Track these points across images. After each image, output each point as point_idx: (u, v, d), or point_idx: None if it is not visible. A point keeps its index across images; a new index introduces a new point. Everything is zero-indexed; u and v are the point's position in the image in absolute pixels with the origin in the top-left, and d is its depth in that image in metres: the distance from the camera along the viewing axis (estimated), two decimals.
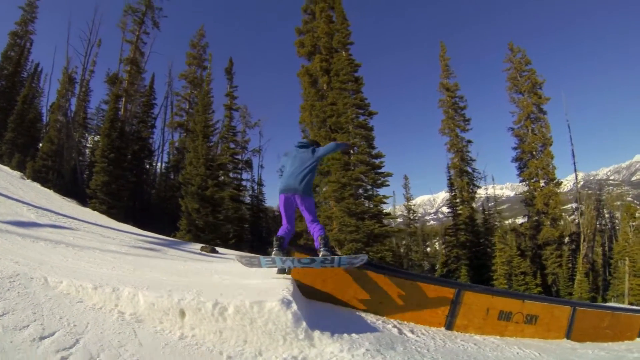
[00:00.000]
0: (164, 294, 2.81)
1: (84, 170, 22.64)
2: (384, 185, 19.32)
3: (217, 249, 10.69)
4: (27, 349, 2.17)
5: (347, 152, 18.81)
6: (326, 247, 3.53)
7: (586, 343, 5.14)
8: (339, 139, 18.05)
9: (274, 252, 3.54)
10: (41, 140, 22.66)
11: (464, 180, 26.66)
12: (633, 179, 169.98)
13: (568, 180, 37.83)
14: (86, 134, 26.48)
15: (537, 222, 24.96)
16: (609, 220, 37.67)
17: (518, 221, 30.55)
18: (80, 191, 19.17)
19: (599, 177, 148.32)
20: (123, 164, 20.40)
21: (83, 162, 23.60)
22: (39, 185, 17.02)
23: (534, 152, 25.59)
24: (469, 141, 27.58)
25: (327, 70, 23.04)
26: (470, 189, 26.89)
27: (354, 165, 19.13)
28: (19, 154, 20.10)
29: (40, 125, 25.08)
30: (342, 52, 22.06)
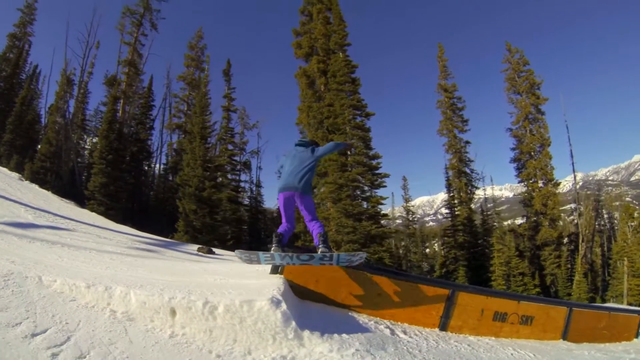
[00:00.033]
0: (156, 292, 2.83)
1: (82, 171, 22.65)
2: (381, 186, 19.32)
3: (214, 250, 10.71)
4: (18, 346, 2.20)
5: (344, 152, 18.83)
6: (325, 245, 3.53)
7: (583, 344, 5.12)
8: (337, 140, 18.07)
9: (273, 247, 3.52)
10: (39, 142, 22.66)
11: (462, 181, 26.69)
12: (632, 179, 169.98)
13: (567, 181, 37.84)
14: (84, 136, 26.46)
15: (535, 222, 24.92)
16: (607, 221, 37.66)
17: (517, 222, 30.54)
18: (79, 192, 19.18)
19: (597, 178, 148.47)
20: (121, 166, 20.41)
21: (81, 164, 23.61)
22: (37, 187, 17.03)
23: (532, 153, 25.58)
24: (467, 142, 27.66)
25: (325, 72, 23.08)
26: (469, 189, 26.90)
27: (351, 166, 19.13)
28: (18, 156, 20.16)
29: (38, 127, 25.12)
30: (339, 54, 22.08)
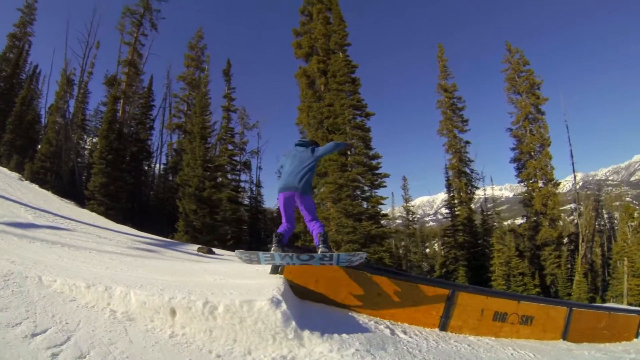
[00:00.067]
0: (156, 292, 2.83)
1: (82, 171, 22.65)
2: (381, 186, 19.32)
3: (214, 250, 10.71)
4: (18, 345, 2.20)
5: (344, 152, 18.82)
6: (325, 244, 3.52)
7: (583, 344, 5.11)
8: (337, 140, 18.08)
9: (273, 247, 3.52)
10: (39, 142, 22.67)
11: (462, 181, 26.68)
12: (632, 179, 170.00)
13: (567, 181, 37.81)
14: (84, 136, 26.48)
15: (535, 222, 24.91)
16: (607, 221, 37.64)
17: (517, 222, 30.53)
18: (79, 193, 19.18)
19: (597, 178, 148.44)
20: (121, 166, 20.41)
21: (81, 164, 23.61)
22: (37, 187, 17.02)
23: (532, 153, 25.58)
24: (467, 142, 27.65)
25: (325, 72, 23.07)
26: (469, 189, 26.89)
27: (351, 166, 19.12)
28: (18, 156, 20.17)
29: (38, 127, 25.13)
30: (339, 54, 22.08)
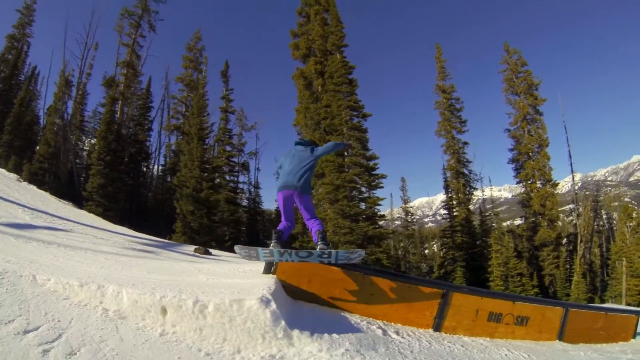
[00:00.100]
0: (147, 291, 2.85)
1: (80, 172, 22.66)
2: (378, 187, 19.34)
3: (211, 250, 10.71)
4: (10, 342, 2.23)
5: (342, 153, 18.86)
6: (324, 242, 3.54)
7: (579, 344, 5.07)
8: (334, 141, 18.07)
9: (272, 244, 3.54)
10: (38, 143, 22.69)
11: (461, 181, 26.69)
12: (631, 179, 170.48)
13: (566, 182, 37.77)
14: (83, 137, 26.55)
15: (534, 223, 24.94)
16: (606, 221, 37.63)
17: (516, 223, 30.54)
18: (77, 194, 19.20)
19: (596, 178, 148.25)
20: (120, 167, 20.45)
21: (79, 165, 23.62)
22: (35, 188, 16.99)
23: (530, 154, 25.64)
24: (465, 143, 27.66)
25: (322, 73, 23.12)
26: (467, 190, 26.88)
27: (348, 167, 19.14)
28: (16, 157, 20.19)
29: (37, 128, 25.17)
30: (337, 55, 22.13)
